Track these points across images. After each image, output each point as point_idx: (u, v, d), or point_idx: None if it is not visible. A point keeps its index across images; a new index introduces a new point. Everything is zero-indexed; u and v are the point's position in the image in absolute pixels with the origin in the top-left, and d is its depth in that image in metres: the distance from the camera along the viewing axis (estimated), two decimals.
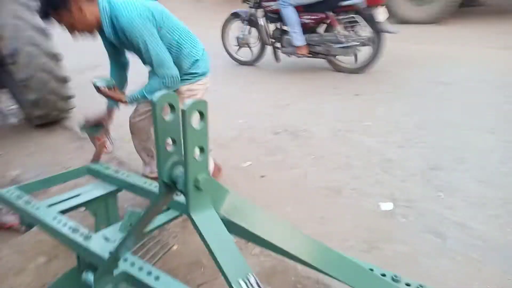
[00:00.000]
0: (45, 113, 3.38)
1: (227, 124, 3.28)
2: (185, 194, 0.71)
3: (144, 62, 1.86)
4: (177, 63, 1.80)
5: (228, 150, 2.87)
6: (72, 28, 1.66)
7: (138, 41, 1.66)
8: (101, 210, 1.59)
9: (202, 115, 0.68)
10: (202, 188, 0.70)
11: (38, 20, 3.06)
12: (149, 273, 1.02)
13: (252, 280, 0.71)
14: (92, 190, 1.54)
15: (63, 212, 1.37)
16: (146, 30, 1.65)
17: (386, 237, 1.89)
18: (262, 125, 3.26)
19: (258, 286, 0.71)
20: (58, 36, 2.92)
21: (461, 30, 5.67)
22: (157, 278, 1.01)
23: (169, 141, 0.74)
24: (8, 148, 3.14)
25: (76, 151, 3.01)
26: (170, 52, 1.77)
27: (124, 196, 1.83)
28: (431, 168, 2.44)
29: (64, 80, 3.32)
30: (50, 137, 3.39)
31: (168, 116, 0.72)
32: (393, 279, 0.94)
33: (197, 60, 1.90)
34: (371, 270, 0.95)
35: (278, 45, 4.55)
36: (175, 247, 1.90)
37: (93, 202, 1.52)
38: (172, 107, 0.72)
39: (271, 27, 4.60)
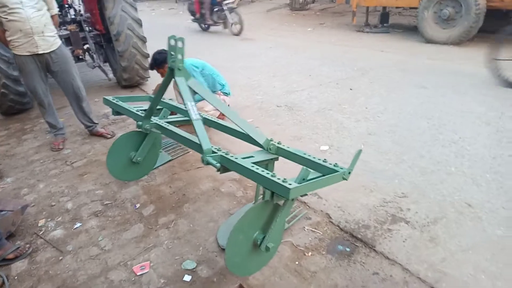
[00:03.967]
0: (130, 77, 5.05)
1: None
2: (174, 70, 2.02)
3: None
4: (213, 86, 3.85)
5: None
6: (163, 75, 3.51)
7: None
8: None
9: (182, 42, 1.99)
10: (180, 69, 2.02)
11: (136, 14, 4.72)
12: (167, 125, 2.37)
13: (192, 105, 2.00)
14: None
15: None
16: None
17: None
18: None
19: (194, 111, 2.00)
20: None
21: (468, 51, 6.28)
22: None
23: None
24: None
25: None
26: (209, 81, 3.82)
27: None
28: (368, 133, 3.50)
29: (146, 56, 4.94)
30: (131, 94, 5.01)
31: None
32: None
33: (223, 85, 3.93)
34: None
35: None
36: None
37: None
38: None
39: None
